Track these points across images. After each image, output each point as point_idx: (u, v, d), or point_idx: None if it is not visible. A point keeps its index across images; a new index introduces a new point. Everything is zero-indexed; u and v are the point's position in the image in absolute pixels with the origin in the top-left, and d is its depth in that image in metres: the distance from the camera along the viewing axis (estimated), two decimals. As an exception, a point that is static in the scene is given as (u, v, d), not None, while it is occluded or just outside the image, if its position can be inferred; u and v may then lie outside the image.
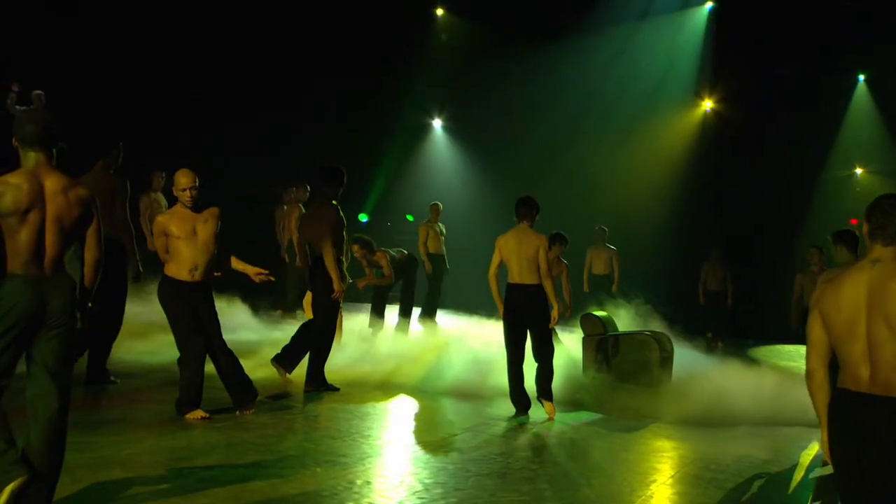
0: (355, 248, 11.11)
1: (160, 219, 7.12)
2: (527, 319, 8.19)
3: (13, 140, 4.51)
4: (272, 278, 7.35)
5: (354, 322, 11.96)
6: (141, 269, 8.06)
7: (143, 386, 8.24)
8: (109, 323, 7.88)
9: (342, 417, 7.68)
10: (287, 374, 8.71)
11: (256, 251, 10.35)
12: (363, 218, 15.76)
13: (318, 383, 8.53)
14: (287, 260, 13.48)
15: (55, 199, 4.47)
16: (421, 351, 10.27)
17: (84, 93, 12.69)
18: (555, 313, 8.25)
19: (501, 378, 8.66)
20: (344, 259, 8.78)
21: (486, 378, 9.17)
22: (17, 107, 13.11)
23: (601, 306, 11.08)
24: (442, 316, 14.04)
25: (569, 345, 10.54)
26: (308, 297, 10.04)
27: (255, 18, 15.25)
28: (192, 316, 6.98)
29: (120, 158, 8.03)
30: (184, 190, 6.96)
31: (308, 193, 13.28)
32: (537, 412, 8.38)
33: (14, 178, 4.45)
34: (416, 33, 18.32)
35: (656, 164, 17.87)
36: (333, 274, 8.34)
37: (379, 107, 17.71)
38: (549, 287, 8.25)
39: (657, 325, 10.95)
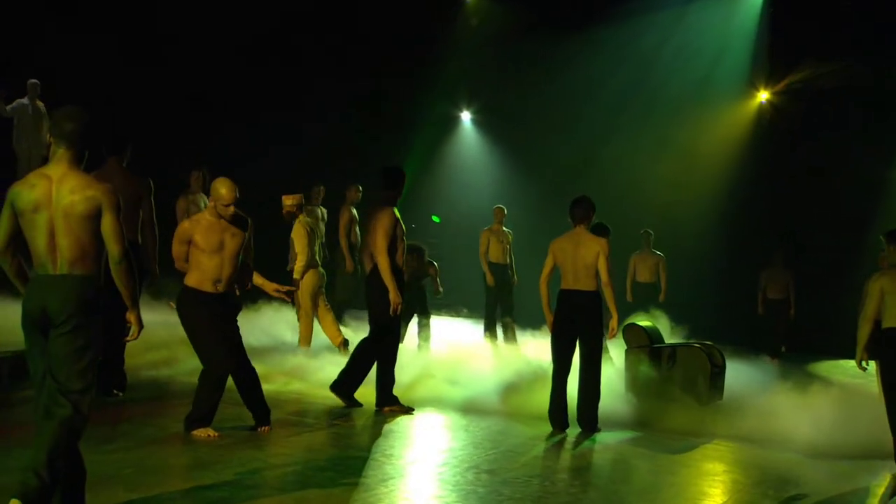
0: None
1: (185, 225, 7.10)
2: (578, 329, 8.28)
3: (48, 136, 4.80)
4: (289, 299, 7.45)
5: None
6: (157, 272, 8.20)
7: (149, 399, 8.29)
8: (119, 330, 7.98)
9: (365, 435, 7.72)
10: (350, 404, 8.65)
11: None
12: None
13: (389, 404, 8.57)
14: (349, 263, 13.34)
15: (64, 198, 4.66)
16: (447, 365, 10.34)
17: (85, 93, 12.70)
18: (613, 323, 8.36)
19: (538, 396, 8.69)
20: (405, 268, 8.82)
21: (523, 395, 9.19)
22: (6, 107, 13.93)
23: (646, 316, 11.05)
24: (466, 325, 14.08)
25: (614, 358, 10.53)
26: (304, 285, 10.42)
27: (264, 16, 15.68)
28: (215, 328, 6.99)
29: (130, 154, 8.16)
30: (227, 205, 6.94)
31: (360, 194, 13.32)
32: (576, 431, 8.42)
33: (33, 177, 4.75)
34: (444, 18, 18.53)
35: (705, 159, 17.77)
36: (390, 285, 8.34)
37: (403, 99, 17.95)
38: (609, 296, 8.34)
39: (707, 337, 10.92)
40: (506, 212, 14.03)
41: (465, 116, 20.39)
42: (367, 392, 8.70)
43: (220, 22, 15.40)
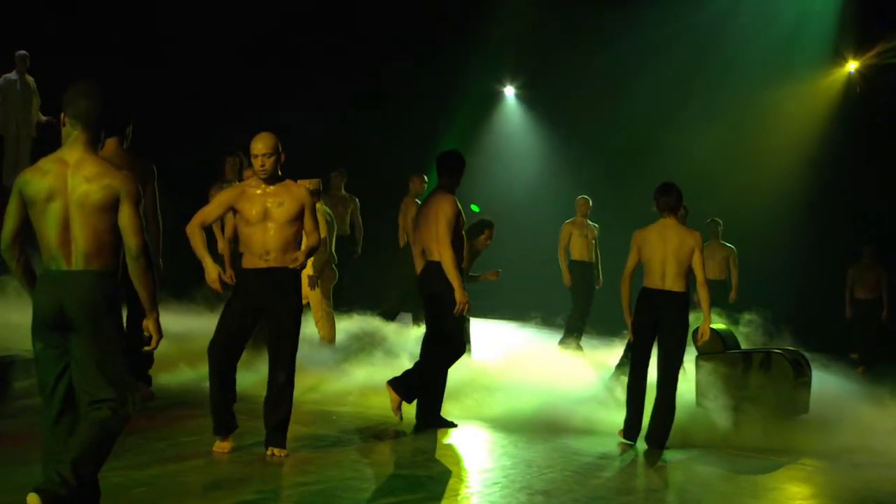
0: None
1: (230, 192, 7.06)
2: (660, 332, 8.35)
3: (62, 115, 4.84)
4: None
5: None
6: (162, 266, 8.25)
7: (159, 410, 8.31)
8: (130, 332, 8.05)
9: (402, 451, 7.75)
10: (400, 402, 8.43)
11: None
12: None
13: (432, 418, 8.57)
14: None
15: (80, 186, 4.72)
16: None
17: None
18: (705, 326, 8.48)
19: (596, 411, 8.79)
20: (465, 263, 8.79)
21: (579, 410, 9.28)
22: None
23: (718, 318, 10.97)
24: (504, 327, 13.99)
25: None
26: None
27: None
28: (239, 313, 6.95)
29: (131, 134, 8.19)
30: (255, 156, 6.89)
31: (426, 185, 13.26)
32: (642, 447, 8.44)
33: (45, 163, 4.80)
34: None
35: (783, 139, 17.65)
36: (455, 283, 8.24)
37: (438, 74, 18.05)
38: (705, 298, 8.43)
39: (788, 342, 10.91)
40: (591, 203, 13.98)
41: (509, 92, 20.30)
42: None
43: (221, 21, 16.03)
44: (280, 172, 6.98)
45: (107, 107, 4.84)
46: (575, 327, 13.80)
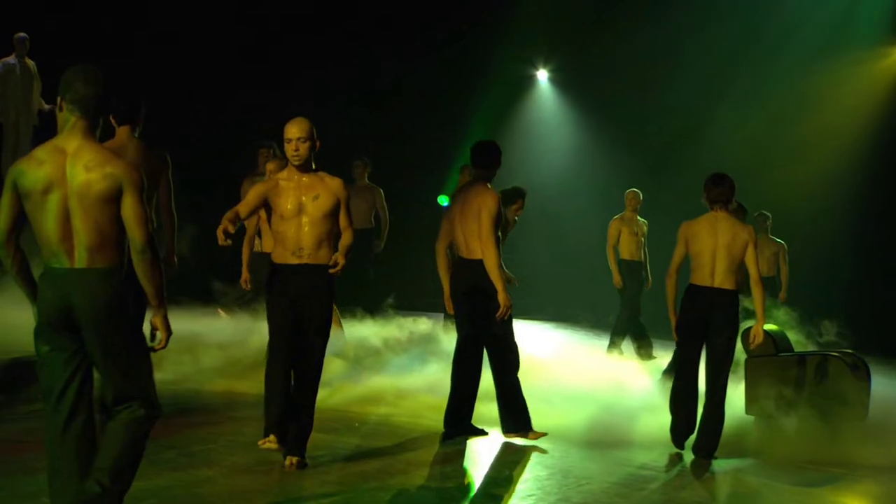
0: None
1: (265, 185, 7.11)
2: (709, 333, 8.34)
3: (58, 100, 4.82)
4: None
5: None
6: (177, 261, 8.25)
7: (168, 416, 8.23)
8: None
9: (430, 460, 7.77)
10: (530, 431, 8.55)
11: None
12: (443, 201, 15.61)
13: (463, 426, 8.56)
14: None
15: (79, 176, 4.70)
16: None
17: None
18: (758, 327, 8.42)
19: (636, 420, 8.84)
20: None
21: (620, 419, 9.27)
22: None
23: (769, 318, 10.76)
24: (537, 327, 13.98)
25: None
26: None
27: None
28: (284, 312, 6.97)
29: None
30: (288, 141, 6.95)
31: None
32: (689, 456, 8.45)
33: (40, 152, 4.77)
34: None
35: (839, 126, 17.46)
36: (499, 284, 8.19)
37: (468, 56, 18.06)
38: (759, 296, 8.35)
39: (843, 344, 10.88)
40: (641, 197, 13.79)
41: (542, 75, 20.22)
42: (433, 404, 8.76)
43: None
44: (314, 164, 7.03)
45: (107, 92, 4.82)
46: (624, 330, 13.71)
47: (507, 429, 8.48)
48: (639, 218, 13.74)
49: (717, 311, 8.31)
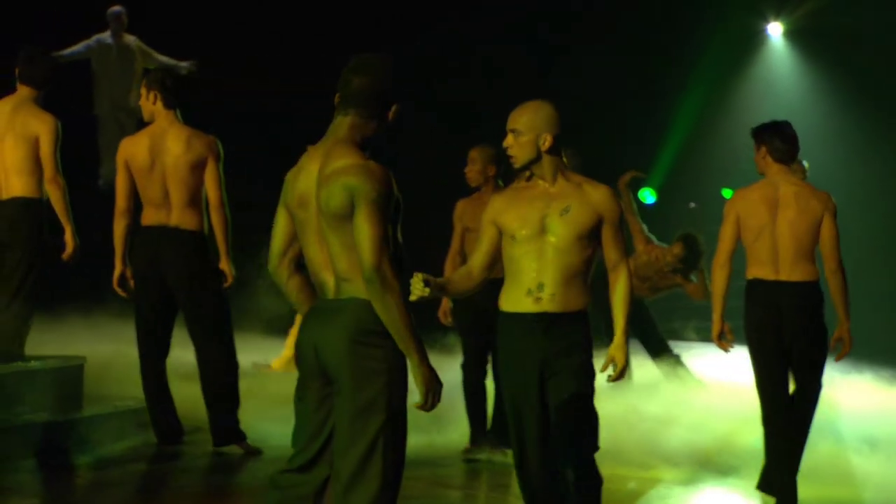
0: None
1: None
2: (787, 340, 7.39)
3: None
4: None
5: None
6: (233, 272, 8.09)
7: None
8: (210, 357, 8.05)
9: (475, 487, 8.20)
10: None
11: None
12: (647, 196, 14.52)
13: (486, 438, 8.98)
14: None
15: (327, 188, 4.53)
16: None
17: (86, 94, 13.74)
18: (844, 333, 7.39)
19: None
20: None
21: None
22: (75, 47, 14.02)
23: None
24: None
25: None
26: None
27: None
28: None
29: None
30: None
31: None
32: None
33: (306, 158, 4.61)
34: None
35: None
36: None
37: (678, 6, 17.42)
38: (838, 287, 7.34)
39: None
40: (807, 167, 13.02)
41: (775, 30, 18.67)
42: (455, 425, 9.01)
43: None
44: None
45: (386, 84, 4.41)
46: None
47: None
48: None
49: (792, 312, 7.37)
